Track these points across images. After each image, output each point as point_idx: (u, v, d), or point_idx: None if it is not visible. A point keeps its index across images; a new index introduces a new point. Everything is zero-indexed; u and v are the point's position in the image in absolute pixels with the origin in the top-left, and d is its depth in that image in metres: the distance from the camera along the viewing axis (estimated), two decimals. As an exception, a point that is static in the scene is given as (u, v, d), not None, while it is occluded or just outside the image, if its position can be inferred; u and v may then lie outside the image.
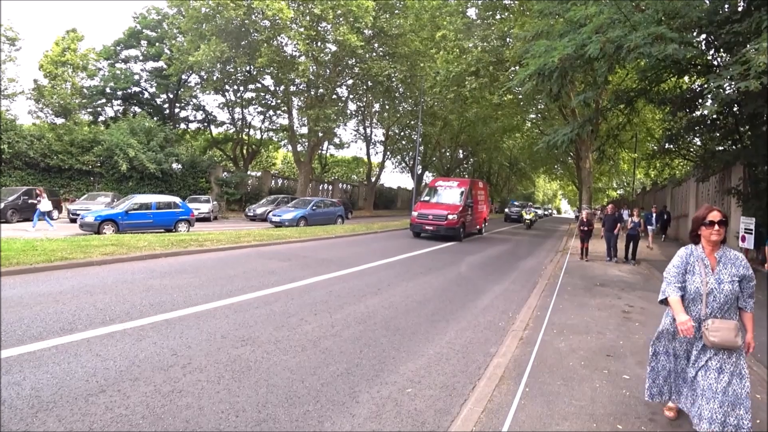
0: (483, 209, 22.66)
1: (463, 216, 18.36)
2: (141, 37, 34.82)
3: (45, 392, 3.59)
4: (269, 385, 3.97)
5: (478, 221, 21.50)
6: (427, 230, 17.87)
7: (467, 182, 20.52)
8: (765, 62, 6.76)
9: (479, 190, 22.25)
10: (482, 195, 22.77)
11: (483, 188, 23.79)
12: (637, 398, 4.03)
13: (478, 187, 22.39)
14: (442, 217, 17.71)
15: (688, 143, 19.25)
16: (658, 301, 3.41)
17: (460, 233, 18.01)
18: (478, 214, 21.31)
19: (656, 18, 9.20)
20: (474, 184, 21.65)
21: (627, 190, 49.38)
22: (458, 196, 19.11)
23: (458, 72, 22.30)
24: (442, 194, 19.62)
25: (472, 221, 20.00)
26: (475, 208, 20.73)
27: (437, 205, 18.70)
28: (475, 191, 21.01)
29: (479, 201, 21.61)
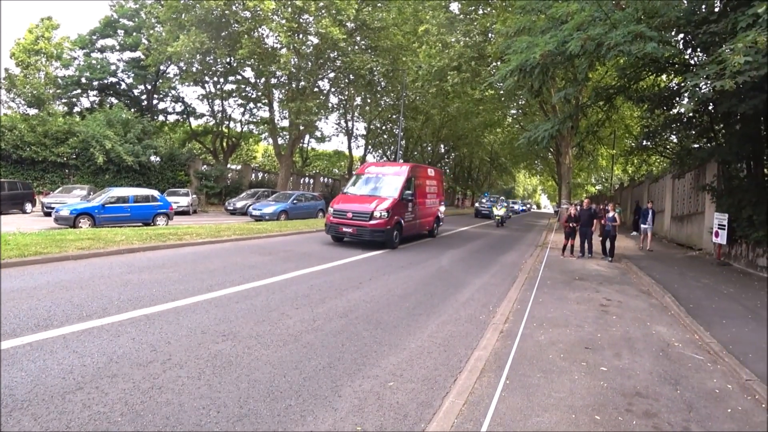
0: (434, 204, 17.42)
1: (399, 213, 13.70)
2: (118, 26, 34.01)
3: (19, 390, 3.50)
4: (251, 380, 3.95)
5: (425, 220, 16.35)
6: (345, 233, 13.25)
7: (408, 168, 15.22)
8: (740, 62, 6.92)
9: (428, 179, 16.82)
10: (433, 185, 17.41)
11: (435, 177, 17.88)
12: (614, 389, 4.12)
13: (425, 174, 16.80)
14: (365, 214, 12.96)
15: (665, 140, 19.64)
16: None
17: (392, 237, 13.21)
18: (425, 211, 16.20)
19: (636, 17, 9.36)
20: (419, 170, 16.37)
21: (605, 186, 50.19)
22: (393, 186, 14.23)
23: (440, 66, 22.39)
24: (372, 184, 14.75)
25: (414, 220, 15.07)
26: (421, 203, 15.78)
27: (362, 199, 13.84)
28: (420, 180, 15.93)
29: (428, 193, 16.63)
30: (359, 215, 12.99)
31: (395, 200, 13.51)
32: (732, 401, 4.05)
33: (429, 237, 17.07)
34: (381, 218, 12.86)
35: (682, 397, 4.07)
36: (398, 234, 13.70)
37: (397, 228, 13.53)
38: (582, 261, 12.64)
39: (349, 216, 13.08)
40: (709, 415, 3.77)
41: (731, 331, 6.23)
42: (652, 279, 9.81)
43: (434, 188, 17.40)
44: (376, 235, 12.84)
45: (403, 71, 29.70)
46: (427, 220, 16.53)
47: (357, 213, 13.05)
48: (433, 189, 17.14)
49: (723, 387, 4.35)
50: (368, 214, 12.90)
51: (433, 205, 17.22)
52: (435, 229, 17.54)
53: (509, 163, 62.79)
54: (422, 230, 16.21)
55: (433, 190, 17.11)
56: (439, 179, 18.46)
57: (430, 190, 16.77)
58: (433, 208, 17.24)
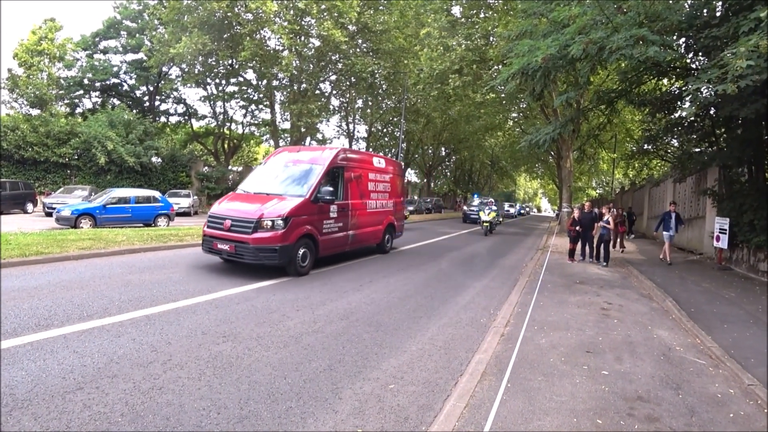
0: (386, 208, 12.47)
1: (311, 221, 8.99)
2: (121, 28, 34.11)
3: (20, 390, 3.49)
4: (251, 381, 3.94)
5: (368, 230, 11.41)
6: (222, 251, 8.53)
7: (333, 154, 10.12)
8: (742, 66, 6.92)
9: (375, 173, 11.90)
10: (385, 182, 12.47)
11: (388, 170, 12.82)
12: (616, 393, 4.11)
13: (369, 166, 11.70)
14: (246, 224, 8.30)
15: (666, 144, 19.61)
16: None
17: (293, 259, 8.47)
18: (367, 218, 11.30)
19: (638, 20, 9.35)
20: (356, 159, 11.22)
21: (606, 190, 50.19)
22: (303, 180, 9.48)
23: (442, 70, 22.41)
24: (277, 177, 9.91)
25: (343, 231, 10.13)
26: (359, 207, 10.87)
27: (254, 199, 9.17)
28: (358, 173, 10.95)
29: (375, 192, 11.80)
30: (240, 225, 8.24)
31: (303, 202, 8.76)
32: (734, 406, 4.04)
33: (379, 253, 12.36)
34: (273, 229, 8.11)
35: (684, 401, 4.06)
36: (309, 253, 8.82)
37: (304, 244, 8.67)
38: (583, 265, 12.62)
39: (227, 225, 8.32)
40: (711, 419, 3.76)
41: (733, 335, 6.21)
42: (653, 283, 9.80)
43: (386, 185, 12.46)
44: (263, 255, 8.04)
45: (404, 74, 29.76)
46: (373, 230, 11.58)
47: (237, 221, 8.29)
48: (384, 186, 12.31)
49: (725, 392, 4.34)
50: (251, 222, 8.12)
51: (385, 209, 12.28)
52: (387, 241, 12.69)
53: (510, 166, 62.78)
54: (362, 244, 11.17)
55: (384, 188, 12.29)
56: (396, 173, 13.50)
57: (378, 187, 11.93)
58: (384, 214, 12.28)
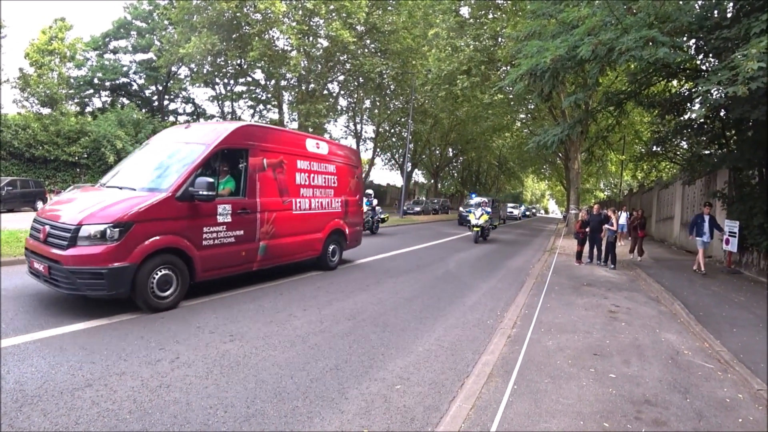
0: (330, 207, 9.43)
1: (171, 230, 5.93)
2: (131, 28, 34.37)
3: (29, 386, 3.53)
4: (258, 380, 3.95)
5: (298, 239, 8.42)
6: (38, 272, 5.65)
7: (226, 132, 6.91)
8: (753, 68, 6.86)
9: (307, 160, 8.78)
10: (326, 173, 9.38)
11: (333, 158, 9.69)
12: (623, 397, 4.08)
13: (296, 150, 8.54)
14: (62, 234, 5.45)
15: (675, 146, 19.46)
16: None
17: (144, 288, 5.57)
18: (292, 224, 8.23)
19: (648, 22, 9.29)
20: (272, 142, 7.82)
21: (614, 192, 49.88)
22: (173, 169, 6.42)
23: (450, 70, 22.38)
24: (147, 162, 7.03)
25: (249, 241, 7.17)
26: (271, 207, 7.67)
27: (92, 195, 6.31)
28: (278, 159, 7.92)
29: (303, 186, 8.59)
30: (56, 234, 5.54)
31: (160, 200, 5.82)
32: (743, 411, 4.00)
33: (319, 269, 9.30)
34: (101, 241, 5.36)
35: (692, 405, 4.03)
36: (176, 278, 5.94)
37: (164, 263, 5.83)
38: (590, 267, 12.55)
39: (44, 235, 5.67)
40: (719, 424, 3.73)
41: (742, 339, 6.16)
42: (662, 286, 9.72)
43: (330, 179, 9.40)
44: (83, 283, 5.26)
45: (412, 75, 29.77)
46: (305, 240, 8.58)
47: (55, 229, 5.60)
48: (325, 180, 9.25)
49: (734, 396, 4.30)
50: (68, 231, 5.41)
51: (327, 211, 9.28)
52: (333, 254, 9.58)
53: (518, 167, 62.52)
54: (286, 259, 8.19)
55: (325, 182, 9.23)
56: (348, 162, 10.18)
57: (315, 181, 8.89)
58: (326, 217, 9.25)
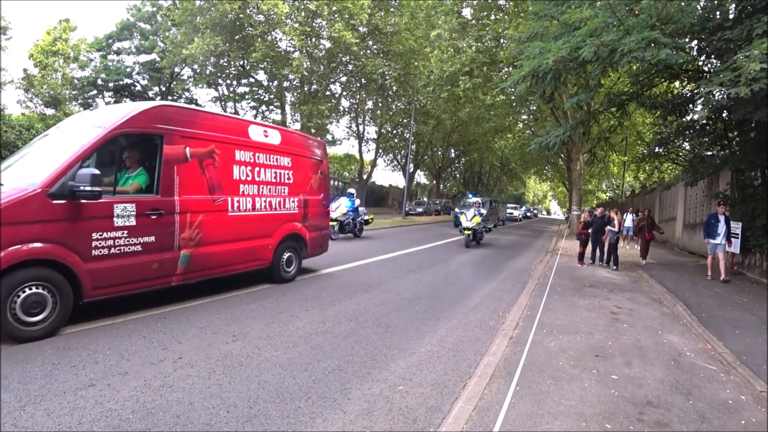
0: (284, 208, 8.03)
1: (43, 236, 4.51)
2: (134, 29, 34.49)
3: (33, 385, 3.55)
4: (260, 380, 3.96)
5: (237, 246, 6.99)
6: None
7: (131, 113, 5.58)
8: (755, 69, 6.86)
9: (250, 150, 7.29)
10: (279, 167, 7.94)
11: (288, 149, 8.18)
12: (625, 398, 4.08)
13: (234, 137, 6.99)
14: None
15: (677, 147, 19.44)
16: None
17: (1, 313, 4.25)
18: (228, 228, 6.81)
19: (650, 23, 9.30)
20: (200, 127, 6.40)
21: (616, 193, 49.80)
22: (52, 159, 5.02)
23: (452, 71, 22.36)
24: (40, 151, 5.69)
25: (164, 250, 5.79)
26: (195, 207, 6.24)
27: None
28: (208, 148, 6.48)
29: (244, 182, 7.16)
30: None
31: (24, 198, 4.47)
32: (746, 413, 4.00)
33: (272, 282, 7.91)
34: None
35: (695, 407, 4.03)
36: (53, 299, 4.65)
37: (33, 278, 4.52)
38: (592, 268, 12.54)
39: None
40: (722, 426, 3.72)
41: (744, 341, 6.14)
42: (664, 287, 9.71)
43: (284, 174, 8.03)
44: None
45: (414, 76, 29.75)
46: (248, 247, 7.24)
47: None
48: (277, 175, 7.87)
49: (736, 398, 4.29)
50: None
51: (280, 212, 7.92)
52: (289, 264, 8.20)
53: (520, 168, 62.44)
54: (219, 271, 6.81)
55: (279, 178, 7.92)
56: (307, 155, 8.69)
57: (261, 176, 7.52)
58: (278, 220, 7.90)
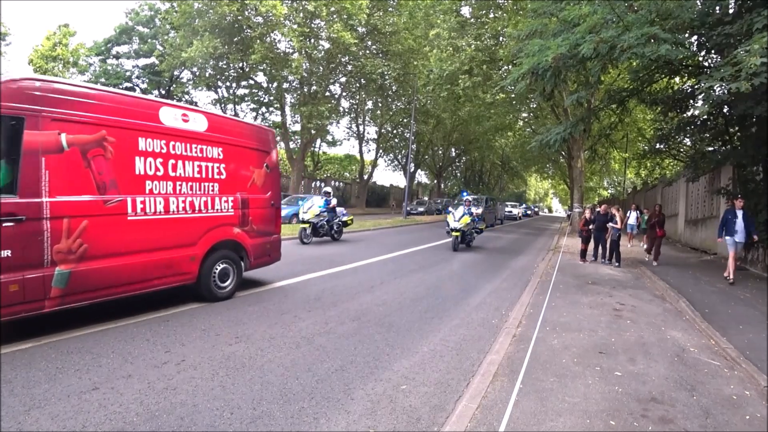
0: (214, 209, 6.58)
1: None
2: (133, 33, 34.55)
3: (37, 389, 3.56)
4: (264, 382, 3.97)
5: (143, 259, 5.62)
6: None
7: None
8: (756, 64, 6.85)
9: (162, 138, 5.89)
10: (206, 159, 6.48)
11: (221, 137, 6.73)
12: (629, 395, 4.07)
13: (138, 122, 5.62)
14: None
15: (678, 143, 19.42)
16: None
17: None
18: (130, 235, 5.49)
19: (649, 19, 9.27)
20: (84, 108, 5.08)
21: (618, 190, 49.75)
22: None
23: (451, 70, 22.34)
24: None
25: (25, 268, 4.51)
26: (75, 210, 4.94)
27: None
28: (97, 134, 5.16)
29: (152, 178, 5.76)
30: None
31: None
32: (750, 408, 3.99)
33: (198, 301, 6.49)
34: None
35: (699, 403, 4.02)
36: None
37: None
38: (595, 265, 12.52)
39: None
40: (726, 421, 3.72)
41: (748, 336, 6.13)
42: (667, 284, 9.69)
43: (215, 168, 6.68)
44: None
45: (414, 75, 29.76)
46: (160, 258, 5.87)
47: None
48: (206, 170, 6.52)
49: (740, 393, 4.28)
50: None
51: (205, 214, 6.51)
52: (225, 278, 6.81)
53: (520, 166, 62.36)
54: (118, 291, 5.42)
55: (206, 173, 6.53)
56: (247, 145, 7.29)
57: (182, 171, 6.18)
58: (204, 223, 6.49)
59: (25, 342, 4.50)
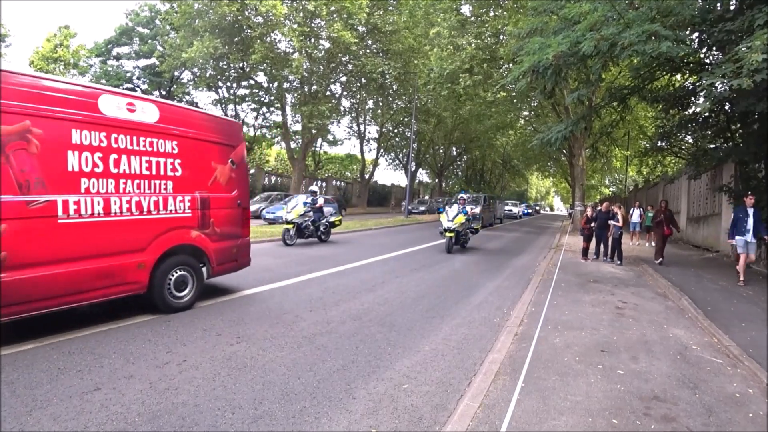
0: (167, 209, 5.79)
1: None
2: (133, 34, 34.57)
3: (39, 390, 3.56)
4: (265, 381, 3.96)
5: (81, 264, 4.89)
6: None
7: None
8: (757, 60, 6.82)
9: (100, 128, 5.08)
10: (158, 154, 5.69)
11: (181, 131, 6.00)
12: (631, 393, 4.06)
13: (82, 113, 4.92)
14: None
15: (680, 141, 19.34)
16: None
17: None
18: (60, 243, 4.72)
19: (650, 16, 9.25)
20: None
21: (619, 188, 49.67)
22: None
23: (452, 69, 22.33)
24: None
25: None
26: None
27: None
28: (36, 126, 4.53)
29: (89, 175, 4.97)
30: None
31: None
32: (753, 405, 3.97)
33: (163, 313, 5.79)
34: None
35: (702, 401, 4.01)
36: None
37: None
38: (596, 263, 12.50)
39: None
40: (729, 419, 3.70)
41: (751, 334, 6.11)
42: (669, 281, 9.67)
43: (169, 164, 5.86)
44: None
45: (414, 74, 29.74)
46: (101, 267, 5.10)
47: None
48: (157, 166, 5.71)
49: (743, 391, 4.27)
50: None
51: (156, 215, 5.68)
52: (176, 286, 5.97)
53: (522, 165, 62.31)
54: (53, 303, 4.73)
55: (157, 169, 5.71)
56: (210, 137, 6.49)
57: (127, 167, 5.36)
58: (156, 227, 5.67)
59: (27, 343, 4.50)
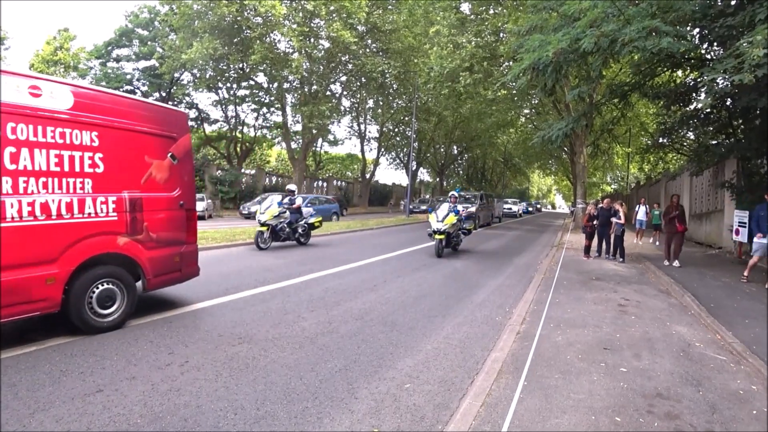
0: (86, 208, 4.80)
1: None
2: (133, 36, 34.60)
3: (42, 392, 3.56)
4: (267, 382, 3.96)
5: None
6: None
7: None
8: (759, 55, 6.79)
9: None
10: (73, 147, 4.68)
11: (104, 120, 4.99)
12: (634, 391, 4.05)
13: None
14: None
15: (681, 137, 19.34)
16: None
17: None
18: None
19: (650, 12, 9.23)
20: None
21: (621, 185, 49.59)
22: None
23: (452, 67, 22.29)
24: None
25: None
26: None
27: None
28: None
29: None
30: None
31: None
32: (757, 402, 3.96)
33: (86, 333, 4.90)
34: None
35: (705, 398, 3.99)
36: None
37: None
38: (599, 261, 12.47)
39: None
40: (733, 416, 3.69)
41: (754, 330, 6.09)
42: (671, 278, 9.64)
43: (87, 158, 4.84)
44: None
45: (414, 73, 29.74)
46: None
47: None
48: (70, 161, 4.68)
49: (747, 388, 4.25)
50: None
51: (69, 220, 4.67)
52: (99, 302, 5.02)
53: (523, 163, 62.18)
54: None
55: (75, 165, 4.73)
56: (144, 128, 5.52)
57: (34, 163, 4.39)
58: (69, 233, 4.67)
59: (29, 345, 4.51)
